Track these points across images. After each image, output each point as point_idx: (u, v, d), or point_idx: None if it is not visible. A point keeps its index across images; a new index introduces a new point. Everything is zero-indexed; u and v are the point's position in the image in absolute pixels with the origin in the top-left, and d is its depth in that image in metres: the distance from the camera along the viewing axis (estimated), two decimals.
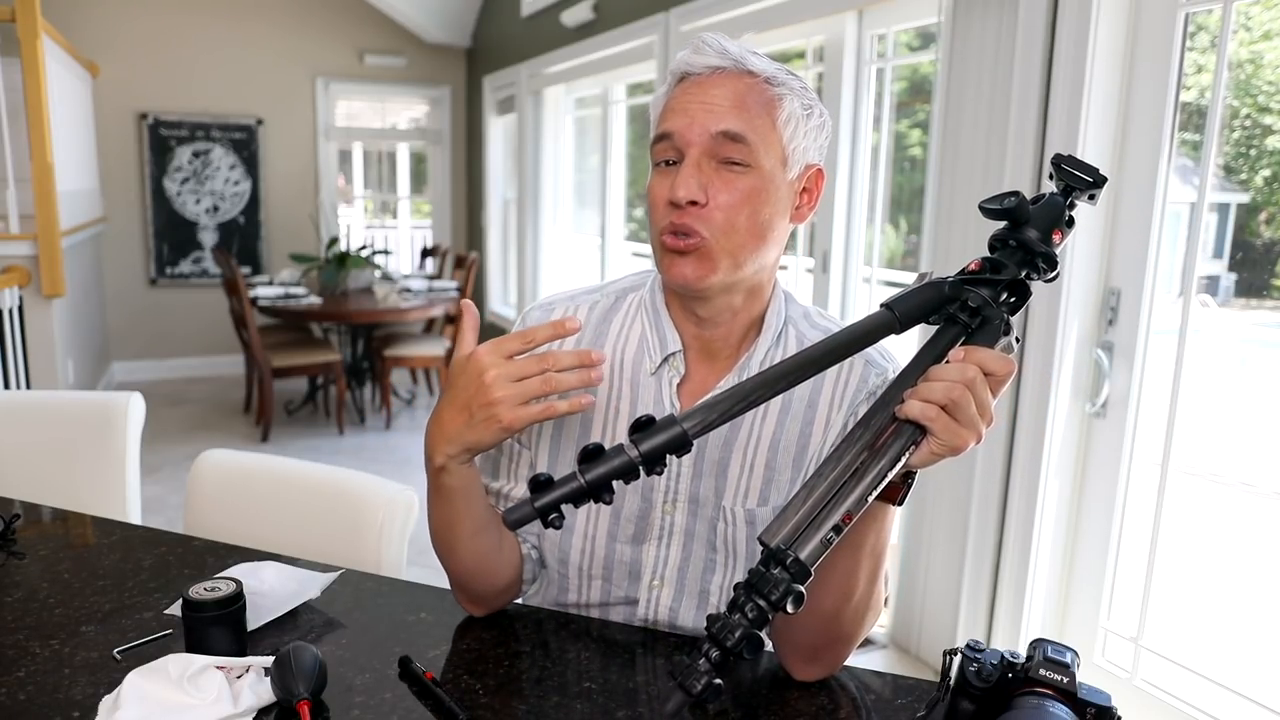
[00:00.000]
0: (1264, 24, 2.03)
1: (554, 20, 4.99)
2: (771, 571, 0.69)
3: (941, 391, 0.73)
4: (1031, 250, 0.75)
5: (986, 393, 0.74)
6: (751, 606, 0.69)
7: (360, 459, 4.44)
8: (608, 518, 1.03)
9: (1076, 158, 0.76)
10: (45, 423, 1.78)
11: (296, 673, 0.83)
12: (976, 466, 2.33)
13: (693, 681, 0.68)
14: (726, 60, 0.90)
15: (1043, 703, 0.73)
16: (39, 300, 3.91)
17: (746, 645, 0.68)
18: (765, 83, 0.90)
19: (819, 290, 3.10)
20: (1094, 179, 0.75)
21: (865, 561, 0.87)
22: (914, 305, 0.77)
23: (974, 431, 0.74)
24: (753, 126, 0.89)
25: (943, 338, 0.77)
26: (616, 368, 1.03)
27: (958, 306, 0.76)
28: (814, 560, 0.71)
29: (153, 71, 5.82)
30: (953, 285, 0.76)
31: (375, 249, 5.46)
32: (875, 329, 0.77)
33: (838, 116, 2.97)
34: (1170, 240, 2.03)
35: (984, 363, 0.74)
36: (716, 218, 0.90)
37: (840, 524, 0.72)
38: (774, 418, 1.00)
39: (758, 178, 0.90)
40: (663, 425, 0.74)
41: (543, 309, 1.07)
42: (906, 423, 0.74)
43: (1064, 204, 0.76)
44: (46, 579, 1.13)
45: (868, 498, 0.73)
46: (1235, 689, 1.93)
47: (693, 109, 0.89)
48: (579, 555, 1.04)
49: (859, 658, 2.09)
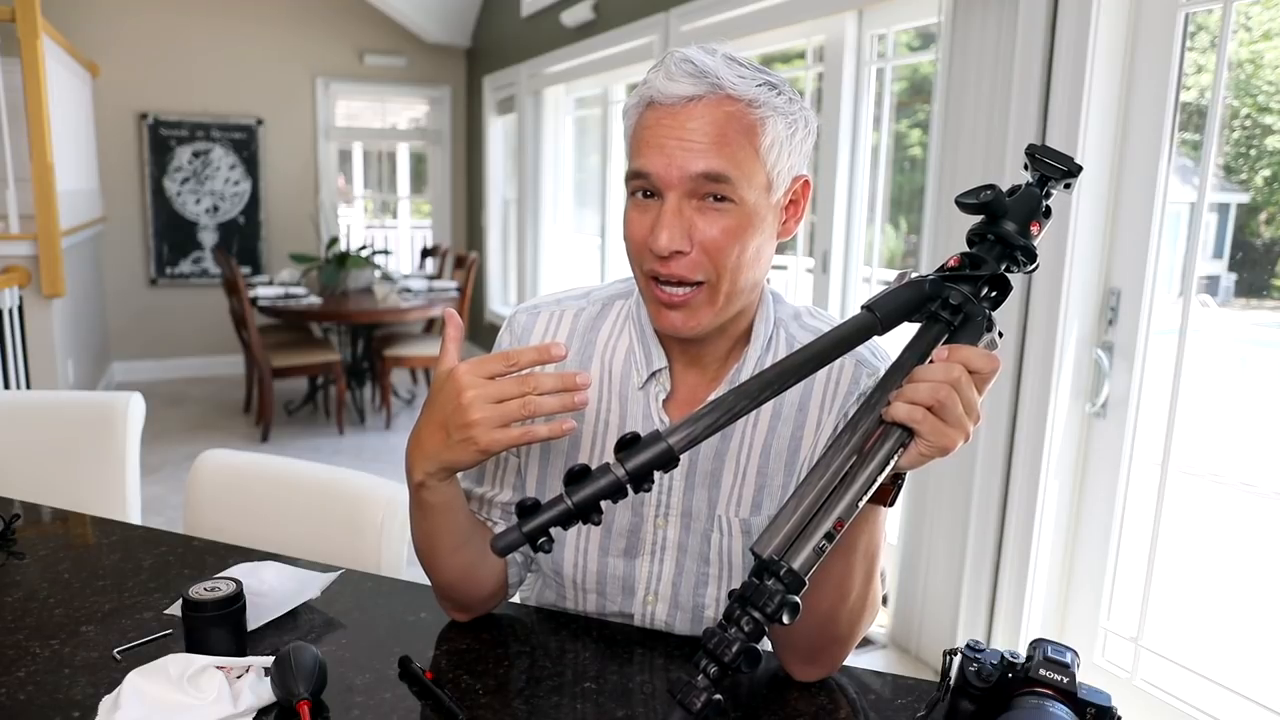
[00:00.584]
0: (1264, 24, 2.03)
1: (554, 20, 4.99)
2: (765, 583, 0.69)
3: (927, 392, 0.72)
4: (1010, 243, 0.75)
5: (972, 391, 0.73)
6: (747, 620, 0.68)
7: (360, 459, 4.44)
8: (599, 533, 1.02)
9: (1050, 147, 0.76)
10: (45, 423, 1.78)
11: (296, 673, 0.83)
12: (976, 466, 2.33)
13: (693, 699, 0.67)
14: (702, 86, 0.83)
15: (1043, 703, 0.73)
16: (39, 300, 3.91)
17: (745, 660, 0.68)
18: (747, 107, 0.84)
19: (819, 290, 3.10)
20: (1068, 168, 0.75)
21: (859, 564, 0.87)
22: (895, 305, 0.76)
23: (961, 431, 0.73)
24: (735, 162, 0.84)
25: (925, 336, 0.77)
26: (605, 380, 1.01)
27: (939, 304, 0.76)
28: (807, 570, 0.70)
29: (153, 71, 5.82)
30: (933, 283, 0.76)
31: (375, 249, 5.46)
32: (856, 332, 0.76)
33: (837, 116, 2.97)
34: (1170, 240, 2.03)
35: (968, 361, 0.73)
36: (703, 262, 0.86)
37: (832, 531, 0.71)
38: (765, 424, 0.99)
39: (742, 213, 0.86)
40: (648, 442, 0.73)
41: (527, 313, 1.04)
42: (893, 425, 0.74)
43: (1040, 194, 0.76)
44: (46, 579, 1.13)
45: (858, 503, 0.72)
46: (1235, 689, 1.93)
47: (669, 146, 0.84)
48: (572, 569, 1.04)
49: (859, 658, 2.09)
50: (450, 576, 0.98)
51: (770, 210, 0.89)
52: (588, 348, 1.02)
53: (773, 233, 0.91)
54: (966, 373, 0.72)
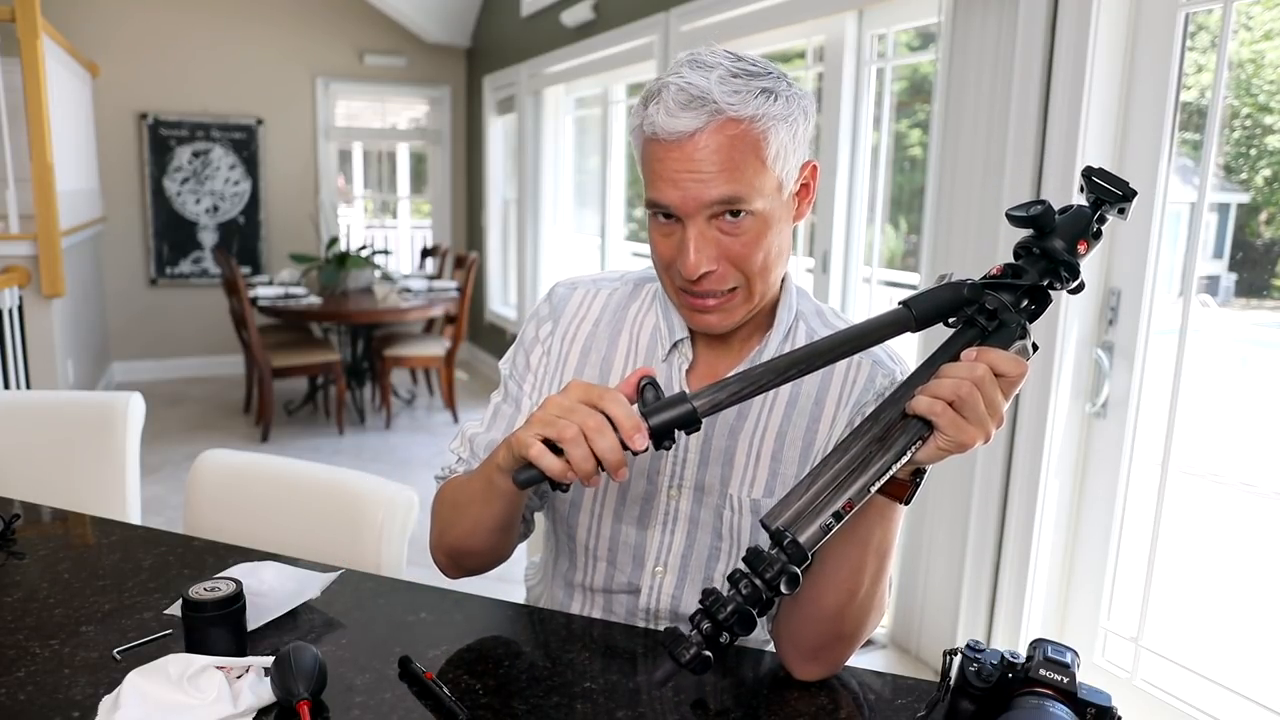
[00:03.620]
0: (1264, 24, 2.03)
1: (554, 20, 4.99)
2: (769, 552, 0.71)
3: (950, 388, 0.73)
4: (1055, 259, 0.75)
5: (996, 393, 0.74)
6: (746, 583, 0.71)
7: (360, 459, 4.44)
8: (614, 498, 1.05)
9: (1107, 171, 0.76)
10: (45, 423, 1.78)
11: (296, 673, 0.83)
12: (976, 466, 2.33)
13: (682, 650, 0.70)
14: (702, 116, 0.84)
15: (1043, 703, 0.73)
16: (39, 300, 3.91)
17: (738, 620, 0.70)
18: (749, 125, 0.85)
19: (819, 290, 3.10)
20: (1124, 193, 0.75)
21: (870, 559, 0.87)
22: (932, 305, 0.77)
23: (981, 430, 0.74)
24: (745, 180, 0.86)
25: (959, 340, 0.78)
26: (631, 352, 1.06)
27: (975, 309, 0.77)
28: (813, 544, 0.72)
29: (153, 71, 5.82)
30: (972, 288, 0.77)
31: (375, 249, 5.46)
32: (890, 324, 0.78)
33: (837, 116, 2.97)
34: (1170, 240, 2.03)
35: (995, 363, 0.74)
36: (732, 273, 0.91)
37: (841, 511, 0.73)
38: (780, 410, 1.02)
39: (760, 221, 0.89)
40: (673, 401, 0.76)
41: (566, 286, 1.12)
42: (914, 418, 0.75)
43: (1091, 216, 0.76)
44: (46, 579, 1.13)
45: (870, 488, 0.74)
46: (1235, 689, 1.93)
47: (682, 180, 0.86)
48: (585, 533, 1.07)
49: (859, 658, 2.08)
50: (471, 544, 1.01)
51: (784, 206, 0.93)
52: (618, 323, 1.08)
53: (790, 222, 0.96)
54: (991, 373, 0.73)
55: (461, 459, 1.10)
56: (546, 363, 1.09)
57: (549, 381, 1.08)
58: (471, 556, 1.03)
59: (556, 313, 1.10)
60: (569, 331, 1.09)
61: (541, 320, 1.11)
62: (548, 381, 1.09)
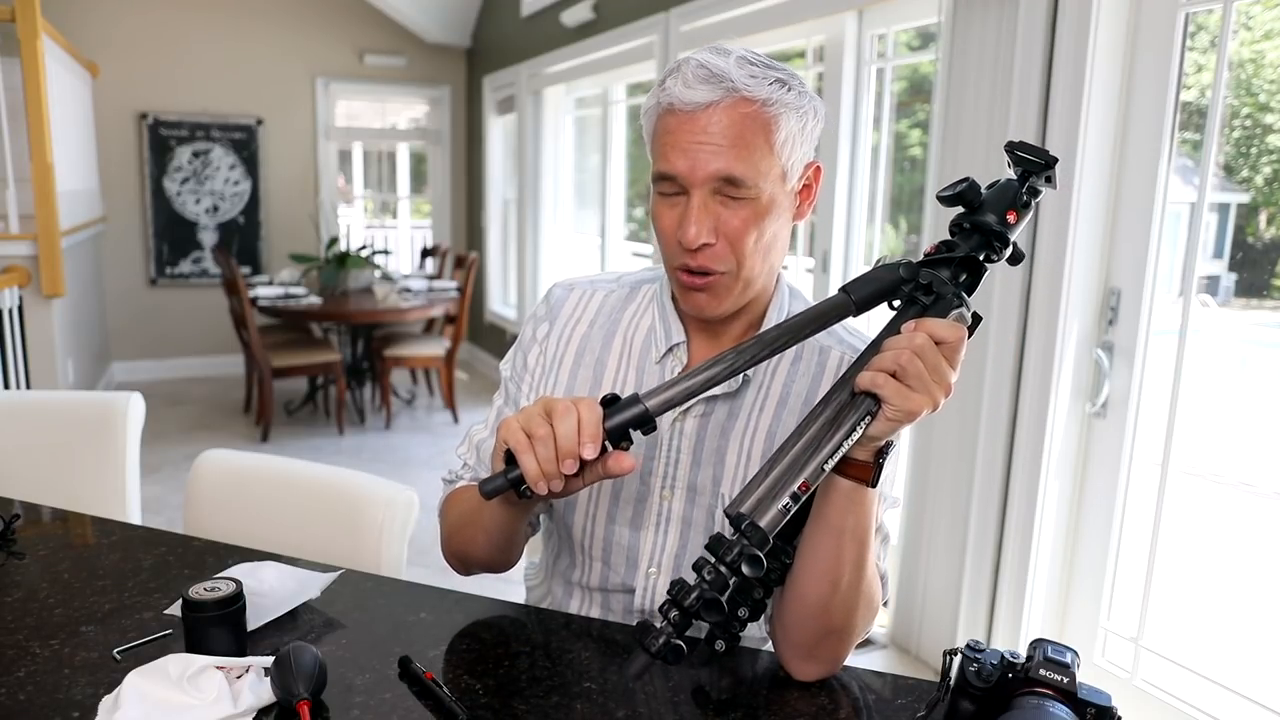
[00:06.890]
0: (1264, 24, 2.03)
1: (554, 20, 5.00)
2: (730, 538, 0.74)
3: (891, 358, 0.76)
4: (985, 231, 0.79)
5: (938, 359, 0.77)
6: (710, 569, 0.73)
7: (360, 459, 4.44)
8: (608, 499, 1.05)
9: (1027, 142, 0.80)
10: (45, 423, 1.78)
11: (296, 673, 0.83)
12: (976, 466, 2.33)
13: (651, 640, 0.72)
14: (719, 90, 0.88)
15: (1043, 703, 0.73)
16: (39, 300, 3.91)
17: (703, 605, 0.72)
18: (761, 106, 0.89)
19: (819, 290, 3.10)
20: (1044, 161, 0.79)
21: (848, 545, 0.87)
22: (871, 288, 0.81)
23: (926, 396, 0.77)
24: (752, 159, 0.89)
25: (902, 318, 0.81)
26: (625, 354, 1.07)
27: (913, 287, 0.80)
28: (773, 527, 0.75)
29: (153, 71, 5.82)
30: (907, 267, 0.80)
31: (375, 249, 5.46)
32: (830, 311, 0.81)
33: (837, 116, 2.97)
34: (1170, 240, 2.03)
35: (933, 331, 0.77)
36: (726, 254, 0.93)
37: (798, 492, 0.76)
38: (771, 410, 1.02)
39: (761, 204, 0.91)
40: (627, 403, 0.79)
41: (564, 288, 1.13)
42: (862, 394, 0.78)
43: (1018, 187, 0.80)
44: (46, 579, 1.13)
45: (824, 467, 0.77)
46: (1235, 689, 1.93)
47: (692, 149, 0.89)
48: (580, 533, 1.07)
49: (859, 658, 2.09)
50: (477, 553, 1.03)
51: (786, 197, 0.95)
52: (613, 325, 1.09)
53: (789, 218, 0.97)
54: (931, 341, 0.77)
55: (467, 464, 1.12)
56: (543, 363, 1.10)
57: (545, 382, 1.09)
58: (479, 563, 1.06)
59: (553, 314, 1.11)
60: (564, 333, 1.10)
61: (539, 321, 1.12)
62: (543, 382, 1.09)
